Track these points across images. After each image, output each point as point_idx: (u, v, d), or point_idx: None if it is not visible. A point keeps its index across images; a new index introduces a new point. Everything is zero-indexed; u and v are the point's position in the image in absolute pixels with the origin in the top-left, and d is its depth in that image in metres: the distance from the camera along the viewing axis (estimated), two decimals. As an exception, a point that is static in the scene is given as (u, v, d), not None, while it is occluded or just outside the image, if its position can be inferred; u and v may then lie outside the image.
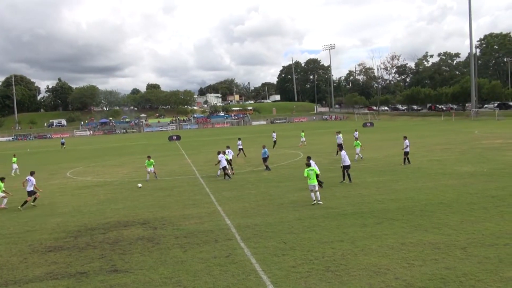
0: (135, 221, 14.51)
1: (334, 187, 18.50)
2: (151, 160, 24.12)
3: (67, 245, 12.07)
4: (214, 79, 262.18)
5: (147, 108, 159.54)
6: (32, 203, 18.30)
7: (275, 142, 41.79)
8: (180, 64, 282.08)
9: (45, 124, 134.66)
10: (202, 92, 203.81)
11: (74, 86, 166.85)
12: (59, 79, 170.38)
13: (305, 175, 15.58)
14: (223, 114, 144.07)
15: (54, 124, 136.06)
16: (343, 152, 19.86)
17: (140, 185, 21.70)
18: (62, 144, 66.26)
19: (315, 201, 15.27)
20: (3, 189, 18.45)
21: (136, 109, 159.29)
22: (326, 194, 16.53)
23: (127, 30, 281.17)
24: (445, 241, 10.37)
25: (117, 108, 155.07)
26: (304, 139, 42.19)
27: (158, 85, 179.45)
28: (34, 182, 18.30)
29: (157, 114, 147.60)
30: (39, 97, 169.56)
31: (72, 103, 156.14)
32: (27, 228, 14.33)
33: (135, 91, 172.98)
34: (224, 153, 24.21)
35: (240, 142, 34.70)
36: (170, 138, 67.81)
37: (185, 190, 20.20)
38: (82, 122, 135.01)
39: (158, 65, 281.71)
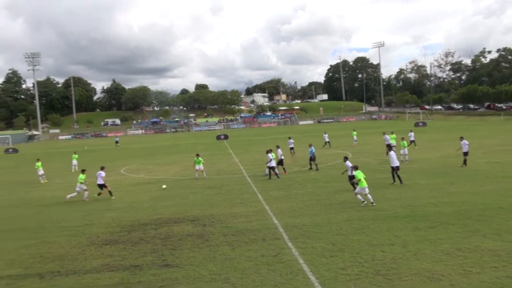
0: (185, 218, 14.90)
1: (384, 188, 18.00)
2: (200, 158, 24.63)
3: (121, 239, 12.62)
4: (261, 79, 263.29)
5: (196, 108, 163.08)
6: (96, 195, 19.66)
7: (326, 142, 41.22)
8: (228, 64, 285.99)
9: (102, 123, 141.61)
10: (249, 91, 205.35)
11: (127, 87, 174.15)
12: (113, 80, 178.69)
13: (358, 178, 15.19)
14: (269, 113, 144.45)
15: (109, 123, 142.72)
16: (391, 153, 19.29)
17: (164, 186, 21.75)
18: (116, 142, 69.31)
19: (365, 202, 14.92)
20: (81, 181, 19.82)
21: (185, 108, 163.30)
22: (376, 196, 16.12)
23: (176, 32, 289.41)
24: (506, 248, 9.78)
25: (167, 108, 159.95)
26: (356, 138, 41.38)
27: (206, 85, 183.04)
28: (103, 175, 19.63)
29: (205, 114, 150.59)
30: (95, 98, 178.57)
31: (125, 103, 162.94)
32: (85, 222, 15.13)
33: (184, 91, 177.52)
34: (270, 151, 24.01)
35: (291, 140, 34.56)
36: (218, 137, 68.92)
37: (233, 188, 20.47)
38: (134, 122, 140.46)
39: (206, 66, 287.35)
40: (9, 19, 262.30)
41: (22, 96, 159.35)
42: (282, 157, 24.81)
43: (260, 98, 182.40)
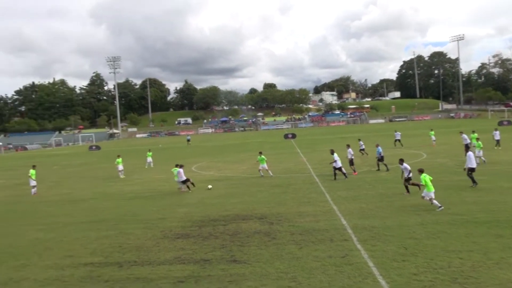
0: (252, 215, 15.12)
1: (463, 191, 16.85)
2: (263, 156, 24.84)
3: (192, 234, 13.12)
4: (330, 77, 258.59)
5: (264, 107, 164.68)
6: (178, 187, 21.29)
7: (396, 141, 39.60)
8: (296, 63, 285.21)
9: (175, 122, 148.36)
10: (317, 90, 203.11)
11: (198, 87, 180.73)
12: (186, 81, 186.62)
13: (423, 182, 14.31)
14: (338, 112, 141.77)
15: (181, 122, 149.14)
16: (469, 153, 17.98)
17: (210, 186, 21.64)
18: (188, 140, 72.17)
19: (442, 207, 13.99)
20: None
21: (253, 108, 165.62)
22: (454, 199, 15.16)
23: (245, 33, 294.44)
24: None
25: (236, 107, 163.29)
26: (434, 138, 39.21)
27: (274, 84, 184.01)
28: (182, 172, 20.99)
29: (273, 113, 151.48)
30: (169, 98, 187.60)
31: (196, 103, 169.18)
32: (159, 216, 15.94)
33: (253, 91, 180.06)
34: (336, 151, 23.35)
35: (361, 142, 33.60)
36: (286, 136, 69.01)
37: (301, 187, 20.38)
38: (205, 121, 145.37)
39: (274, 65, 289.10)
40: (93, 26, 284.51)
41: (104, 97, 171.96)
42: (353, 157, 24.21)
43: (329, 97, 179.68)
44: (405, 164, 17.26)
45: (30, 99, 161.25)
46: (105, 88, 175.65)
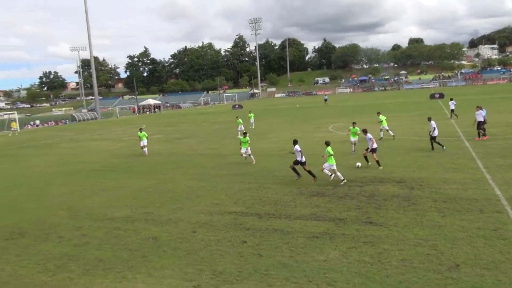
0: (390, 178, 14.54)
1: None
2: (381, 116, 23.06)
3: (327, 193, 13.28)
4: (490, 28, 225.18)
5: (408, 65, 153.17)
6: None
7: None
8: (448, 13, 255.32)
9: (313, 82, 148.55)
10: (474, 44, 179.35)
11: (337, 46, 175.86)
12: (324, 40, 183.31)
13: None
14: (499, 68, 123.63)
15: (319, 82, 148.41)
16: None
17: (359, 164, 17.06)
18: (325, 100, 71.73)
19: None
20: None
21: (396, 65, 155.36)
22: None
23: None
24: None
25: (377, 65, 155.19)
26: None
27: (421, 39, 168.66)
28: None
29: (419, 71, 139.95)
30: (307, 58, 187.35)
31: (334, 62, 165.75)
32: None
33: (396, 47, 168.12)
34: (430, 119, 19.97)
35: None
36: (432, 96, 63.44)
37: (447, 152, 18.71)
38: (343, 80, 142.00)
39: (421, 17, 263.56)
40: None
41: (246, 59, 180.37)
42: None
43: (488, 51, 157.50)
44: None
45: (183, 62, 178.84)
46: (247, 49, 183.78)
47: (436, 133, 19.28)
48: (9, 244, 10.46)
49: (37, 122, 72.59)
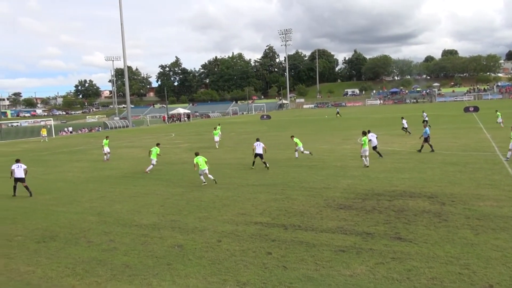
0: (421, 193, 14.15)
1: None
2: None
3: (355, 206, 13.04)
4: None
5: (441, 77, 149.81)
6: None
7: None
8: (484, 24, 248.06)
9: (343, 93, 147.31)
10: (511, 56, 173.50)
11: (367, 57, 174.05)
12: (355, 51, 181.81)
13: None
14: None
15: (349, 93, 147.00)
16: None
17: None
18: (337, 113, 70.34)
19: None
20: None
21: (428, 77, 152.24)
22: None
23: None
24: None
25: (409, 77, 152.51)
26: None
27: (456, 51, 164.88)
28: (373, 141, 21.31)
29: (452, 83, 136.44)
30: (336, 69, 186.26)
31: (365, 73, 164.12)
32: (323, 185, 16.28)
33: (429, 59, 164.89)
34: None
35: None
36: (466, 110, 61.67)
37: (481, 167, 18.07)
38: (373, 91, 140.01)
39: (456, 28, 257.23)
40: (266, 0, 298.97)
41: (275, 69, 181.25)
42: None
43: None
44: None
45: (213, 72, 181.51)
46: (277, 60, 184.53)
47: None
48: (40, 247, 10.78)
49: (70, 129, 75.18)
